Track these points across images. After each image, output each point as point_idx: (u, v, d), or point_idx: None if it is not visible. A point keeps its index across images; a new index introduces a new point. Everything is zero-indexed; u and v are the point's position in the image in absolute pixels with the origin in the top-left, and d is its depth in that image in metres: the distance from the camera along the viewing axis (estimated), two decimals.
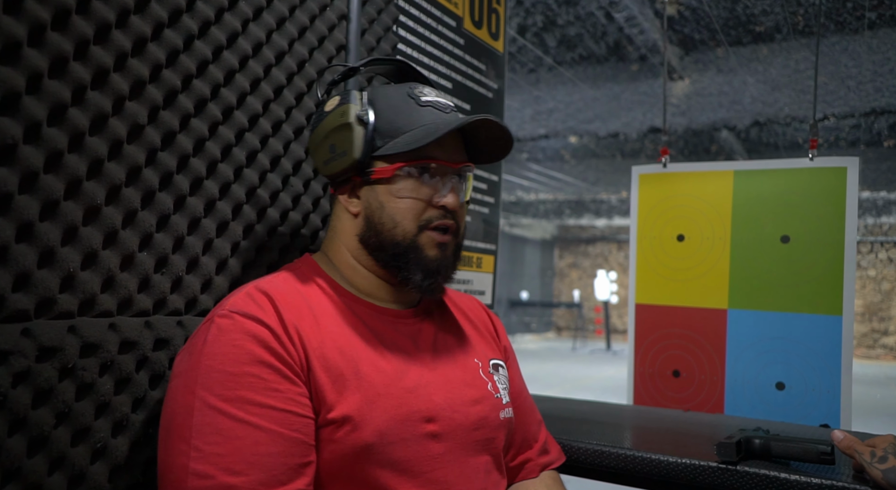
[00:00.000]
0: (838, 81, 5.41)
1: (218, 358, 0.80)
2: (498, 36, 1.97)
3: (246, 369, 0.79)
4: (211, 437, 0.76)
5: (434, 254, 0.92)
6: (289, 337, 0.83)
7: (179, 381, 0.82)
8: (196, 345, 0.83)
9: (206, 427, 0.77)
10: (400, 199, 0.91)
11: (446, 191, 0.92)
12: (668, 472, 1.14)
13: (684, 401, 1.88)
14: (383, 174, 0.91)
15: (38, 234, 0.80)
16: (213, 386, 0.78)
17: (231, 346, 0.80)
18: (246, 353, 0.80)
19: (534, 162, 9.26)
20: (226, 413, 0.77)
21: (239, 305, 0.84)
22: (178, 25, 1.00)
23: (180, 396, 0.80)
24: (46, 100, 0.81)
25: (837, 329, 1.69)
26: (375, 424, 0.84)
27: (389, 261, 0.92)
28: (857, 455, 1.01)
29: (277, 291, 0.88)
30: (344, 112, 0.92)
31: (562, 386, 8.37)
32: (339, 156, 0.92)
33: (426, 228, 0.92)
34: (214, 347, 0.80)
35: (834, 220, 1.71)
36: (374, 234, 0.92)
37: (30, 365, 0.79)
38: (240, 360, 0.79)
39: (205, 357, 0.80)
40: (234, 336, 0.81)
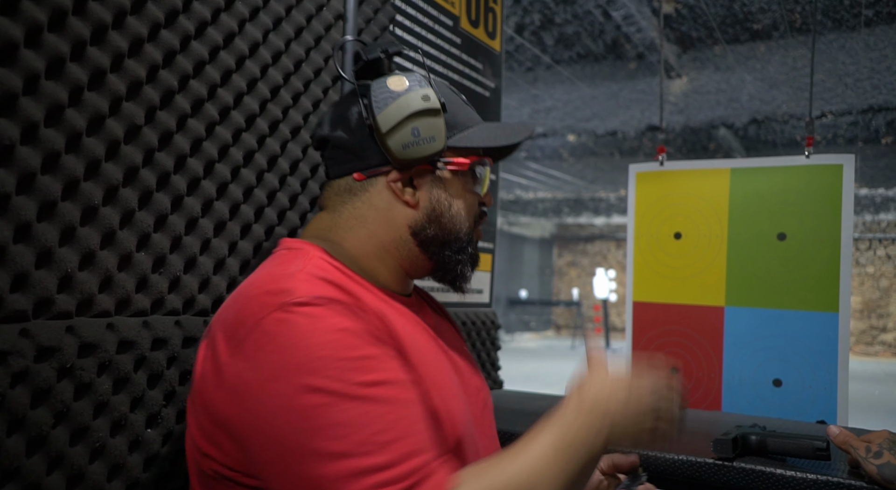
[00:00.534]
0: (836, 79, 5.41)
1: (329, 346, 0.70)
2: (495, 35, 1.97)
3: (362, 351, 0.72)
4: (372, 427, 0.68)
5: (477, 247, 0.95)
6: (374, 316, 0.78)
7: (279, 383, 0.69)
8: (284, 338, 0.71)
9: (359, 417, 0.68)
10: (468, 194, 0.91)
11: (488, 186, 0.95)
12: (665, 468, 1.14)
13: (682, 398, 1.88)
14: (460, 167, 0.90)
15: (36, 234, 0.81)
16: (342, 374, 0.69)
17: (336, 330, 0.72)
18: (354, 334, 0.72)
19: (532, 160, 9.26)
20: (371, 398, 0.69)
21: (316, 291, 0.74)
22: (174, 26, 1.00)
23: (286, 403, 0.69)
24: (43, 101, 0.81)
25: (834, 326, 1.70)
26: (458, 416, 0.81)
27: (451, 255, 0.90)
28: (853, 450, 1.01)
29: (331, 276, 0.80)
30: (427, 96, 0.87)
31: (561, 384, 8.36)
32: (425, 141, 0.86)
33: (476, 224, 0.94)
34: (318, 336, 0.71)
35: (830, 218, 1.72)
36: (436, 227, 0.89)
37: (28, 365, 0.79)
38: (352, 343, 0.72)
39: (312, 348, 0.70)
40: (334, 320, 0.72)
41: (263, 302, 0.74)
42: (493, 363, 1.95)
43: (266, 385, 0.70)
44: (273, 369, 0.70)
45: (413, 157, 0.87)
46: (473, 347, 1.84)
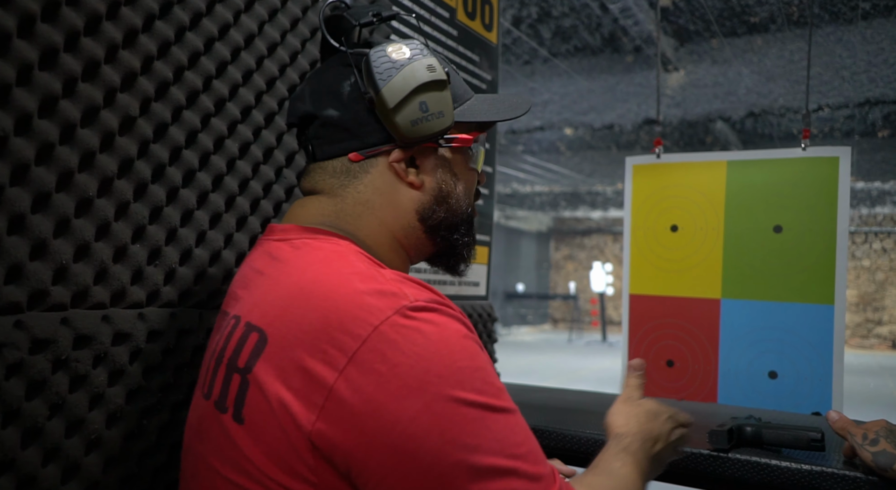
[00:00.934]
0: (832, 72, 5.42)
1: (463, 356, 0.65)
2: (491, 27, 1.97)
3: (482, 360, 0.67)
4: (517, 437, 0.65)
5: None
6: None
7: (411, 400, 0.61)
8: (413, 348, 0.63)
9: (511, 429, 0.65)
10: (469, 172, 0.85)
11: (482, 162, 0.89)
12: None
13: (678, 390, 1.89)
14: (464, 143, 0.83)
15: (31, 226, 0.80)
16: (481, 386, 0.64)
17: (461, 337, 0.66)
18: (475, 342, 0.68)
19: (529, 154, 9.26)
20: (508, 409, 0.66)
21: (425, 294, 0.68)
22: (169, 17, 0.99)
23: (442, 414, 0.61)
24: (37, 92, 0.81)
25: (829, 318, 1.70)
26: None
27: (459, 238, 0.85)
28: (850, 436, 1.02)
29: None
30: (433, 66, 0.78)
31: (557, 378, 8.40)
32: (434, 117, 0.78)
33: (473, 201, 0.88)
34: (449, 345, 0.64)
35: (826, 210, 1.72)
36: (445, 208, 0.82)
37: (23, 357, 0.79)
38: (476, 351, 0.67)
39: (449, 357, 0.64)
40: (456, 327, 0.67)
41: (372, 306, 0.64)
42: (490, 356, 1.95)
43: (403, 401, 0.61)
44: (408, 382, 0.61)
45: (422, 135, 0.78)
46: None
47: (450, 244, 0.85)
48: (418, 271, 1.67)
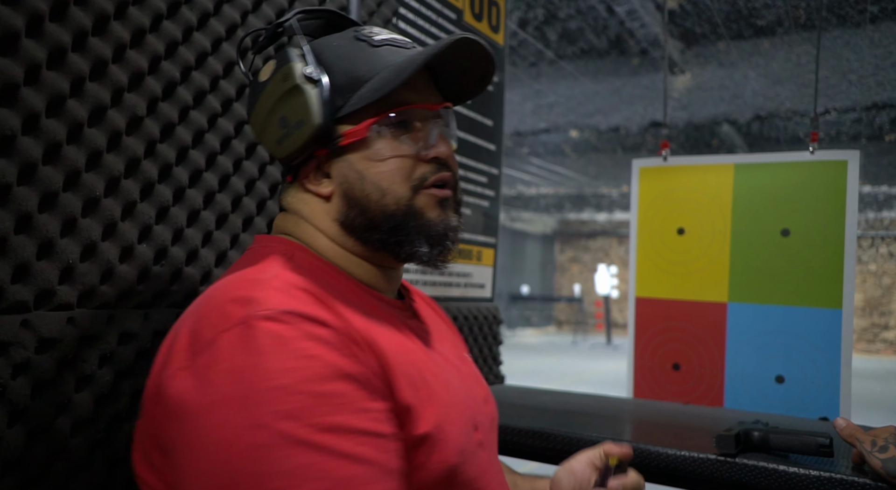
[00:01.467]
0: (840, 75, 5.40)
1: (291, 374, 0.60)
2: (498, 29, 1.96)
3: (331, 387, 0.61)
4: (314, 483, 0.57)
5: (437, 215, 0.76)
6: (356, 340, 0.67)
7: (224, 411, 0.59)
8: (241, 359, 0.61)
9: (303, 470, 0.57)
10: (382, 162, 0.74)
11: (434, 138, 0.76)
12: (667, 464, 1.14)
13: (684, 394, 1.88)
14: (355, 137, 0.74)
15: (38, 225, 0.80)
16: (297, 412, 0.58)
17: (303, 357, 0.61)
18: (325, 365, 0.61)
19: (534, 156, 9.25)
20: (324, 447, 0.58)
21: (288, 304, 0.64)
22: (176, 17, 1.00)
23: (237, 434, 0.58)
24: (45, 91, 0.81)
25: (837, 322, 1.69)
26: (455, 441, 0.71)
27: (388, 238, 0.75)
28: (858, 443, 1.01)
29: (310, 284, 0.70)
30: (287, 74, 0.74)
31: (562, 380, 8.38)
32: (294, 128, 0.74)
33: (421, 188, 0.76)
34: (279, 361, 0.60)
35: (834, 214, 1.71)
36: (359, 212, 0.75)
37: (29, 356, 0.79)
38: (321, 375, 0.61)
39: (269, 375, 0.59)
40: (303, 344, 0.62)
41: (227, 312, 0.64)
42: (495, 358, 1.94)
43: (208, 412, 0.59)
44: (223, 397, 0.59)
45: (291, 151, 0.75)
46: (475, 342, 1.84)
47: (383, 245, 0.76)
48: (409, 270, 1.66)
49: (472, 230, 1.85)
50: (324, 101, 0.73)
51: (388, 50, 0.77)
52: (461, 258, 1.81)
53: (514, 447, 1.29)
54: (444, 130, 0.78)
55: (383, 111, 0.75)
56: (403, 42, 0.80)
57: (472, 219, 1.85)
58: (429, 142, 0.76)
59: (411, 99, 0.76)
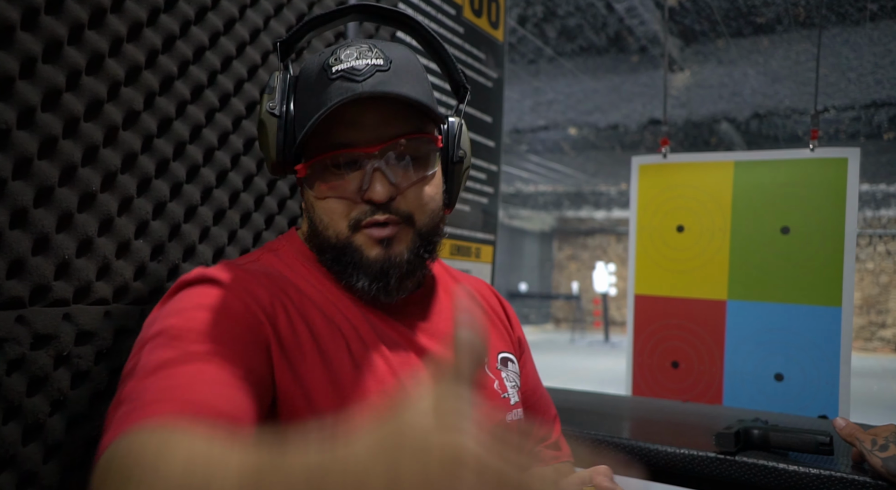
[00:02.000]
0: (839, 73, 5.39)
1: (181, 305, 0.69)
2: (498, 25, 1.96)
3: (200, 314, 0.68)
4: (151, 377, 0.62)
5: (375, 254, 0.77)
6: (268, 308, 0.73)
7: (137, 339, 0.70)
8: (158, 308, 0.72)
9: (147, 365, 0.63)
10: (322, 200, 0.78)
11: (367, 182, 0.76)
12: (666, 461, 1.14)
13: (683, 392, 1.88)
14: (300, 174, 0.79)
15: (33, 220, 0.80)
16: (169, 324, 0.67)
17: (199, 298, 0.70)
18: (207, 303, 0.69)
19: (533, 153, 9.24)
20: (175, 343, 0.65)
21: (212, 272, 0.73)
22: (174, 11, 0.99)
23: (136, 347, 0.69)
24: (40, 85, 0.80)
25: (837, 320, 1.69)
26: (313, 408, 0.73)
27: (331, 264, 0.80)
28: (858, 442, 1.01)
29: (254, 270, 0.77)
30: (260, 105, 0.80)
31: (560, 377, 8.39)
32: (265, 156, 0.81)
33: (359, 228, 0.77)
34: (180, 302, 0.70)
35: (834, 212, 1.71)
36: (314, 233, 0.81)
37: (24, 352, 0.78)
38: (199, 303, 0.69)
39: (166, 311, 0.69)
40: (203, 290, 0.71)
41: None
42: None
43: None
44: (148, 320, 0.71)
45: (274, 172, 0.82)
46: None
47: (329, 268, 0.80)
48: None
49: (470, 227, 1.85)
50: (282, 136, 0.78)
51: (338, 85, 0.75)
52: (460, 255, 1.80)
53: None
54: (386, 170, 0.76)
55: (320, 153, 0.76)
56: (359, 71, 0.76)
57: (471, 216, 1.84)
58: (362, 184, 0.76)
59: (349, 140, 0.76)
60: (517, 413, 0.91)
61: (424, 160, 0.80)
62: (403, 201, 0.78)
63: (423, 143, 0.79)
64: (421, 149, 0.79)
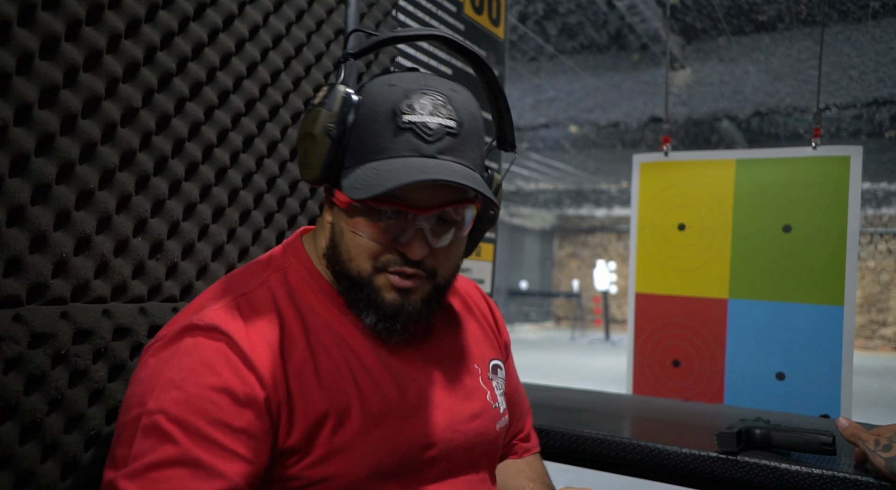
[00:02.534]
0: (840, 71, 5.38)
1: (183, 373, 0.71)
2: (498, 22, 1.95)
3: (206, 394, 0.70)
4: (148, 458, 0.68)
5: (391, 298, 0.79)
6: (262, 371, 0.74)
7: (137, 388, 0.73)
8: (164, 351, 0.74)
9: (149, 448, 0.68)
10: (356, 235, 0.78)
11: (407, 237, 0.77)
12: (668, 461, 1.13)
13: (684, 391, 1.87)
14: (340, 203, 0.79)
15: (30, 218, 0.79)
16: (168, 404, 0.69)
17: (200, 363, 0.72)
18: (213, 374, 0.71)
19: (534, 151, 9.23)
20: (171, 437, 0.68)
21: (220, 320, 0.75)
22: (172, 7, 0.98)
23: (133, 405, 0.71)
24: (38, 81, 0.79)
25: (839, 319, 1.68)
26: (371, 456, 0.78)
27: (345, 293, 0.81)
28: (861, 442, 1.00)
29: (260, 305, 0.79)
30: (315, 117, 0.78)
31: (560, 375, 8.39)
32: (305, 166, 0.80)
33: (384, 271, 0.79)
34: (184, 360, 0.72)
35: (836, 210, 1.70)
36: (334, 257, 0.82)
37: (22, 351, 0.77)
38: (205, 382, 0.71)
39: (169, 369, 0.71)
40: (207, 354, 0.72)
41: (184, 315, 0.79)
42: None
43: (133, 380, 0.75)
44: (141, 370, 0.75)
45: (307, 180, 0.81)
46: None
47: (342, 293, 0.82)
48: None
49: None
50: (331, 158, 0.78)
51: (407, 139, 0.75)
52: None
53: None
54: (427, 233, 0.77)
55: (369, 197, 0.74)
56: (431, 131, 0.76)
57: None
58: (401, 239, 0.78)
59: (401, 195, 0.76)
60: (504, 420, 0.94)
61: (462, 224, 0.81)
62: (432, 259, 0.80)
63: (466, 209, 0.81)
64: (461, 214, 0.80)
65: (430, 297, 0.82)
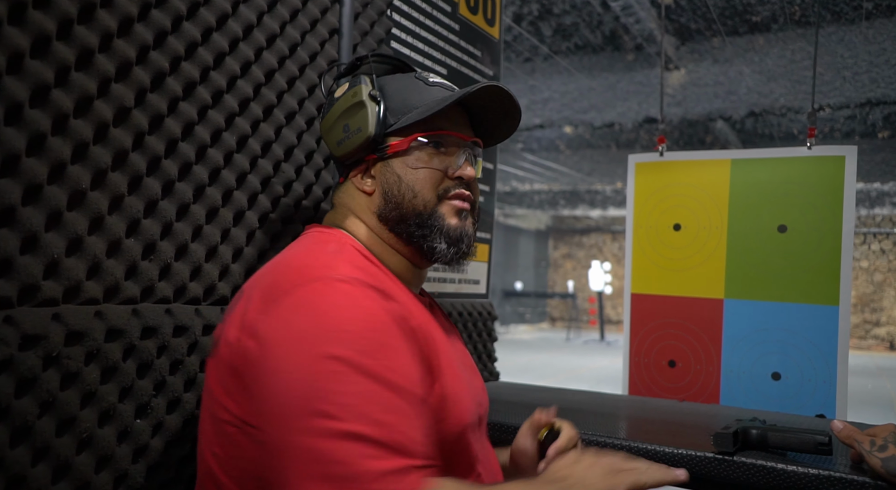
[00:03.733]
0: (834, 72, 5.40)
1: (359, 322, 0.75)
2: (493, 22, 1.94)
3: (389, 339, 0.76)
4: (375, 405, 0.71)
5: (455, 222, 0.92)
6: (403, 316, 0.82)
7: (305, 343, 0.73)
8: (320, 306, 0.76)
9: (364, 394, 0.71)
10: (417, 170, 0.91)
11: (461, 162, 0.93)
12: (664, 462, 1.13)
13: (680, 391, 1.87)
14: (399, 147, 0.91)
15: (21, 218, 0.78)
16: (363, 350, 0.73)
17: (370, 313, 0.77)
18: (386, 323, 0.77)
19: (528, 152, 9.23)
20: (381, 378, 0.72)
21: (354, 274, 0.81)
22: (165, 6, 0.97)
23: (306, 363, 0.72)
24: (29, 81, 0.78)
25: (834, 319, 1.68)
26: (467, 408, 0.87)
27: (414, 231, 0.91)
28: (857, 444, 1.00)
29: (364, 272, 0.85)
30: (356, 92, 0.93)
31: (556, 376, 8.39)
32: (353, 134, 0.92)
33: (445, 198, 0.92)
34: (350, 312, 0.75)
35: (832, 210, 1.70)
36: (394, 206, 0.91)
37: (12, 353, 0.77)
38: (382, 328, 0.77)
39: (342, 320, 0.74)
40: (370, 304, 0.78)
41: (303, 271, 0.80)
42: (490, 354, 1.93)
43: (293, 345, 0.73)
44: (303, 332, 0.74)
45: (348, 150, 0.93)
46: (470, 339, 1.83)
47: (410, 236, 0.92)
48: None
49: None
50: (379, 117, 0.91)
51: (438, 89, 0.95)
52: None
53: (509, 444, 1.27)
54: (471, 158, 0.95)
55: (426, 131, 0.92)
56: (451, 86, 0.98)
57: None
58: (456, 163, 0.93)
59: (448, 127, 0.93)
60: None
61: (479, 166, 0.99)
62: (472, 190, 0.95)
63: (482, 151, 1.00)
64: (480, 154, 0.99)
65: (475, 229, 0.97)
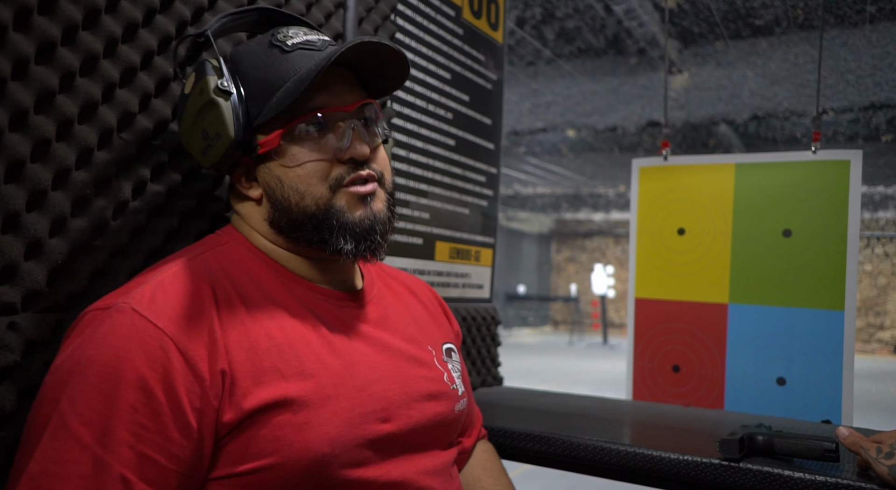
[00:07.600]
0: (837, 75, 5.39)
1: (97, 367, 0.66)
2: (497, 26, 1.94)
3: (123, 394, 0.65)
4: (51, 465, 0.64)
5: (360, 213, 0.79)
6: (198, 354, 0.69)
7: (49, 379, 0.68)
8: (81, 336, 0.69)
9: (51, 450, 0.64)
10: (298, 167, 0.77)
11: (348, 140, 0.78)
12: (669, 468, 1.12)
13: (684, 396, 1.86)
14: (269, 146, 0.77)
15: (26, 224, 0.78)
16: (79, 403, 0.65)
17: (117, 356, 0.66)
18: (132, 370, 0.66)
19: (531, 156, 9.23)
20: (81, 442, 0.64)
21: (145, 302, 0.70)
22: (170, 11, 0.97)
23: (46, 399, 0.67)
24: (33, 86, 0.78)
25: (839, 324, 1.68)
26: (327, 429, 0.73)
27: (312, 236, 0.79)
28: (863, 451, 0.99)
29: (191, 283, 0.74)
30: (203, 88, 0.77)
31: (558, 380, 8.37)
32: (214, 140, 0.78)
33: (340, 187, 0.78)
34: (100, 351, 0.66)
35: (836, 214, 1.70)
36: (282, 213, 0.79)
37: (17, 360, 0.76)
38: (122, 378, 0.66)
39: (84, 364, 0.66)
40: (127, 344, 0.67)
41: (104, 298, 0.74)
42: (494, 359, 1.92)
43: (48, 374, 0.69)
44: (56, 363, 0.69)
45: (215, 161, 0.80)
46: (473, 343, 1.82)
47: (310, 242, 0.80)
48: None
49: (470, 230, 1.83)
50: (237, 113, 0.77)
51: (300, 54, 0.79)
52: (459, 258, 1.78)
53: (513, 450, 1.27)
54: (362, 129, 0.80)
55: (294, 119, 0.77)
56: (319, 44, 0.81)
57: (470, 218, 1.83)
58: (342, 144, 0.78)
59: (322, 102, 0.78)
60: (463, 403, 0.93)
61: (378, 126, 0.84)
62: (374, 161, 0.82)
63: (377, 109, 0.83)
64: (374, 111, 0.83)
65: (389, 206, 0.84)
